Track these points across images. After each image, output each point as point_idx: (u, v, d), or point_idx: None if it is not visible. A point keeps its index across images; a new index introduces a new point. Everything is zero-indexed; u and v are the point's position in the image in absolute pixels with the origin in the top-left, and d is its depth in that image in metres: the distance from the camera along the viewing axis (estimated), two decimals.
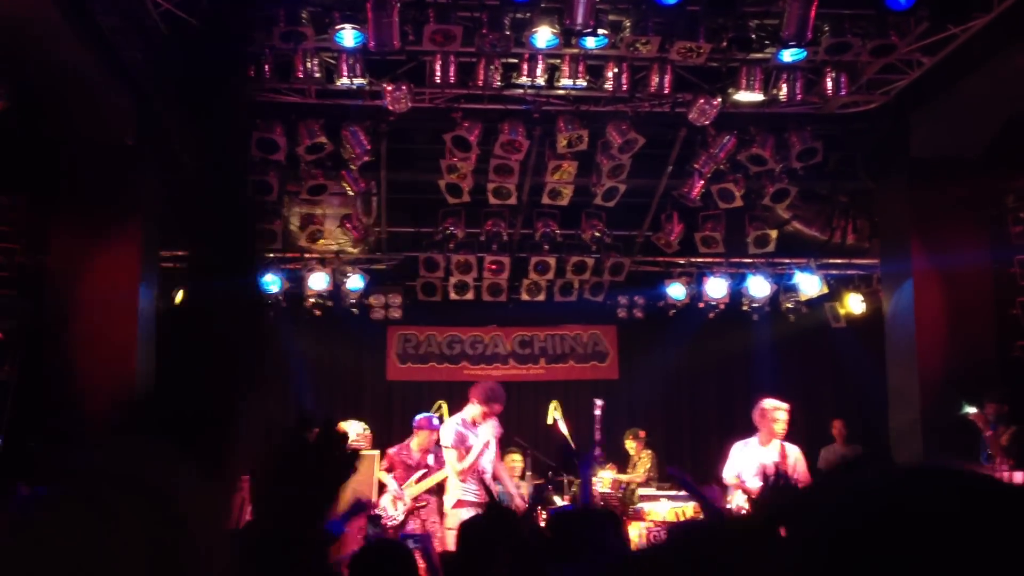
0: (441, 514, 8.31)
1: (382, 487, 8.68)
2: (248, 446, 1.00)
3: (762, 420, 7.81)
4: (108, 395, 7.79)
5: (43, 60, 6.96)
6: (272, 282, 10.39)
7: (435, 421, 8.63)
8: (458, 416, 8.03)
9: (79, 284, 7.97)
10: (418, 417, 8.73)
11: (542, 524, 5.72)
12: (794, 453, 7.79)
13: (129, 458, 0.84)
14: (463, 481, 7.80)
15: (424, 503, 8.42)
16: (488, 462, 7.88)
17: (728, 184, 9.22)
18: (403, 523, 8.32)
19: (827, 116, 8.59)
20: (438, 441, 8.29)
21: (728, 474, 7.89)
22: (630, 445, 10.65)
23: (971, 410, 8.46)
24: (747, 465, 7.78)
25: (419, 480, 8.46)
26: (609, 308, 11.75)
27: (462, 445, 7.79)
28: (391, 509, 8.40)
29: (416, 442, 8.58)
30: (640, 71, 7.85)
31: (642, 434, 10.75)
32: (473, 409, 7.90)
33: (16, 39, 6.61)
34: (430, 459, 8.50)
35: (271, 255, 10.24)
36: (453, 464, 7.80)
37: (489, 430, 7.83)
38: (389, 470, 8.61)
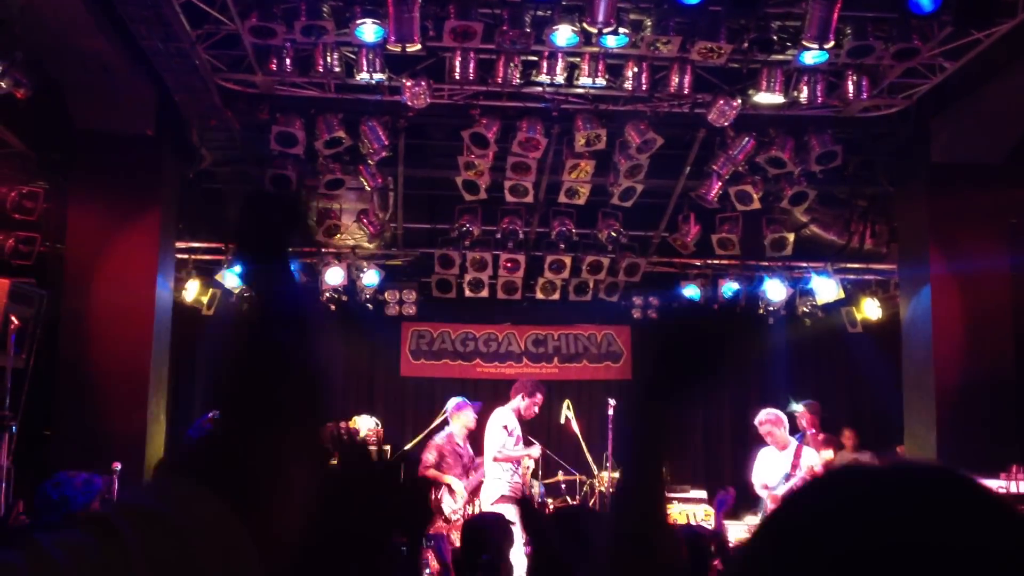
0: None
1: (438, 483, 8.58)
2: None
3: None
4: (123, 384, 7.86)
5: (64, 49, 7.00)
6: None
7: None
8: (510, 406, 8.38)
9: (97, 273, 8.01)
10: (455, 400, 8.76)
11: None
12: (809, 457, 7.78)
13: (149, 495, 0.86)
14: (493, 461, 8.14)
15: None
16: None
17: (746, 186, 9.18)
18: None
19: (847, 119, 8.54)
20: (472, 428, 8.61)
21: (756, 482, 7.91)
22: None
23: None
24: (768, 472, 7.79)
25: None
26: (624, 308, 11.71)
27: (512, 435, 8.23)
28: (450, 503, 8.33)
29: (459, 426, 8.62)
30: (660, 71, 7.83)
31: None
32: (519, 403, 8.43)
33: (38, 28, 6.64)
34: (468, 446, 8.60)
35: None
36: (494, 448, 8.09)
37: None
38: (439, 463, 8.47)
